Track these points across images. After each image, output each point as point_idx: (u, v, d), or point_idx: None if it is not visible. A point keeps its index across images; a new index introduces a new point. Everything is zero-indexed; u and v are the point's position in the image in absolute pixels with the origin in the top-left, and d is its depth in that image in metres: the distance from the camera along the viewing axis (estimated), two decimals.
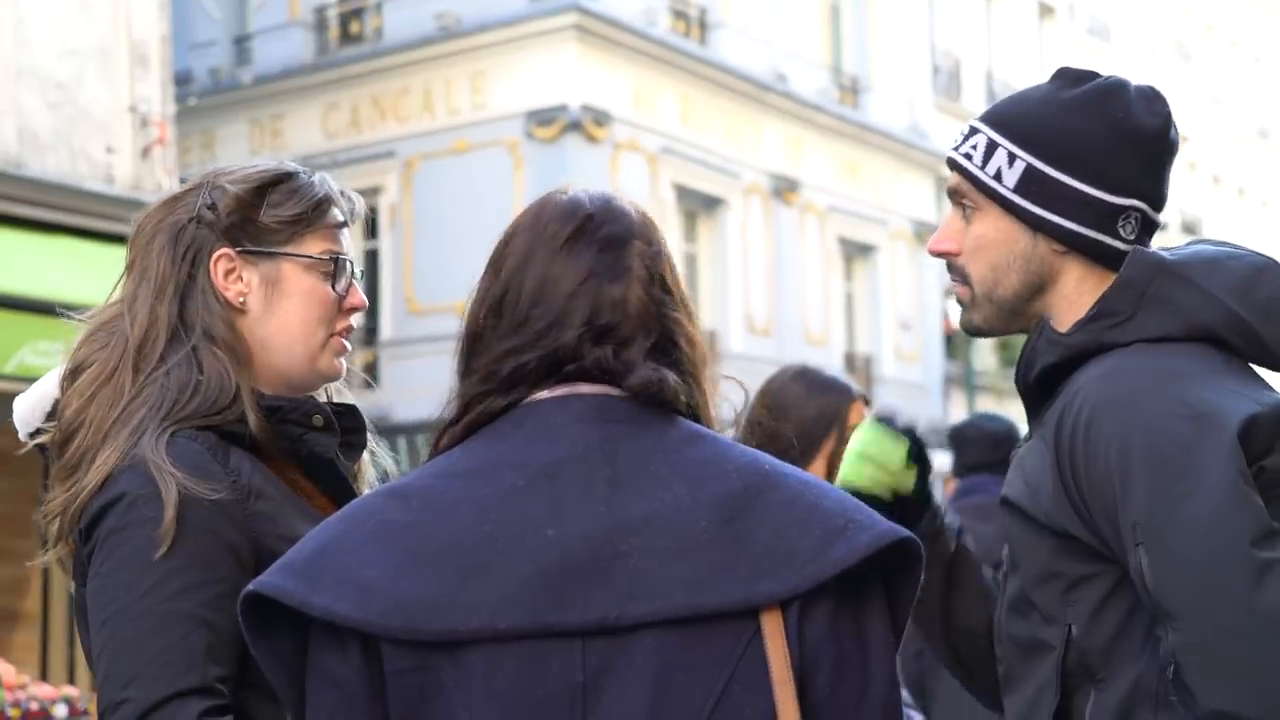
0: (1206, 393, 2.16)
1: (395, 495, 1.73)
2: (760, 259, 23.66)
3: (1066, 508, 2.24)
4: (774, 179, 24.07)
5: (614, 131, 20.88)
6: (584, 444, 1.71)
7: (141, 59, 12.96)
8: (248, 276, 2.29)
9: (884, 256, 26.91)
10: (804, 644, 1.66)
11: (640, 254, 1.80)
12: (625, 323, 1.77)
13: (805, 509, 1.69)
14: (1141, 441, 2.13)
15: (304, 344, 2.32)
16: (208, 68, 23.39)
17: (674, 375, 1.77)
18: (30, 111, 12.12)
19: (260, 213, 2.30)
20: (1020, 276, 2.39)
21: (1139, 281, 2.29)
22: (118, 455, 2.13)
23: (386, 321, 21.20)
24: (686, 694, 1.63)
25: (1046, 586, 2.29)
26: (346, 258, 2.37)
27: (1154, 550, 2.09)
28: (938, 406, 27.69)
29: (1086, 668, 2.25)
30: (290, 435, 2.25)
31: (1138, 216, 2.37)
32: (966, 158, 2.42)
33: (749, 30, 23.89)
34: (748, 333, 22.95)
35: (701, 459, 1.72)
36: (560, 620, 1.62)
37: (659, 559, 1.64)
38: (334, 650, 1.67)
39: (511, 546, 1.65)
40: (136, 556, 2.05)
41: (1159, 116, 2.38)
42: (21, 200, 11.79)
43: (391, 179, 21.43)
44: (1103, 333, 2.30)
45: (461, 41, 21.18)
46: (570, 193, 1.87)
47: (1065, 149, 2.36)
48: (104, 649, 2.05)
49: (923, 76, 28.23)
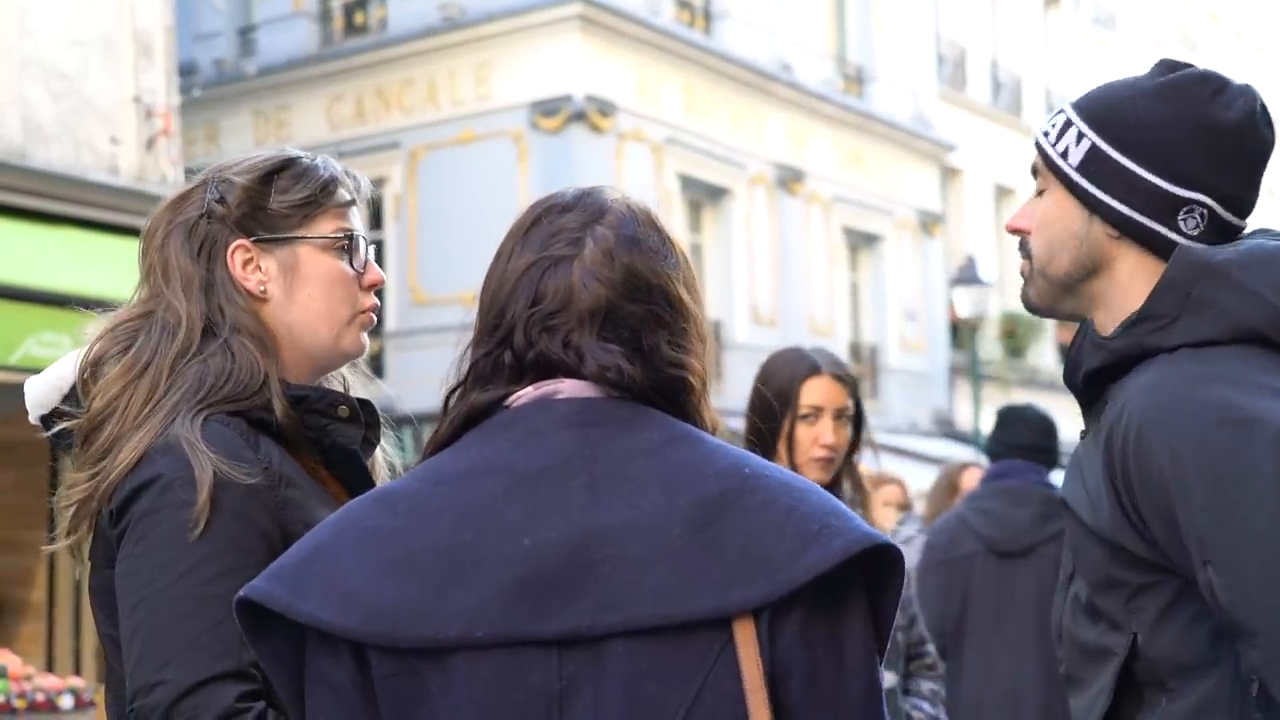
0: (1247, 396, 2.12)
1: (383, 500, 1.74)
2: (765, 249, 23.64)
3: (1124, 523, 2.21)
4: (779, 169, 24.04)
5: (619, 122, 20.85)
6: (564, 450, 1.70)
7: (146, 50, 12.94)
8: (266, 265, 2.30)
9: (889, 246, 26.87)
10: (776, 650, 1.65)
11: (600, 239, 1.78)
12: (571, 308, 1.75)
13: (781, 513, 1.66)
14: (1191, 455, 2.10)
15: (328, 325, 2.33)
16: (212, 59, 23.37)
17: (636, 364, 1.75)
18: (34, 102, 12.11)
19: (270, 200, 2.31)
20: (1071, 256, 2.37)
21: (1183, 283, 2.24)
22: (151, 437, 2.13)
23: (391, 312, 21.19)
24: (659, 702, 1.63)
25: (1111, 594, 2.27)
26: (360, 235, 2.37)
27: (1222, 569, 2.06)
28: (943, 396, 27.67)
29: (1156, 676, 2.23)
30: (314, 425, 2.26)
31: (1203, 213, 2.32)
32: (1045, 135, 2.41)
33: (753, 20, 23.85)
34: (753, 323, 22.93)
35: (681, 463, 1.70)
36: (535, 630, 1.63)
37: (632, 568, 1.64)
38: (328, 654, 1.68)
39: (490, 555, 1.65)
40: (172, 539, 2.06)
41: (1241, 111, 2.32)
42: (26, 191, 11.77)
43: (396, 170, 21.41)
44: (1146, 337, 2.27)
45: (466, 32, 21.15)
46: (566, 190, 1.87)
47: (1132, 133, 2.32)
48: (137, 631, 2.05)
49: (927, 66, 28.17)
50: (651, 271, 1.79)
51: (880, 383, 26.50)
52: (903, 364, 26.81)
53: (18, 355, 9.88)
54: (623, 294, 1.76)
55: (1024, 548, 5.79)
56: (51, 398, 2.31)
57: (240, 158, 2.38)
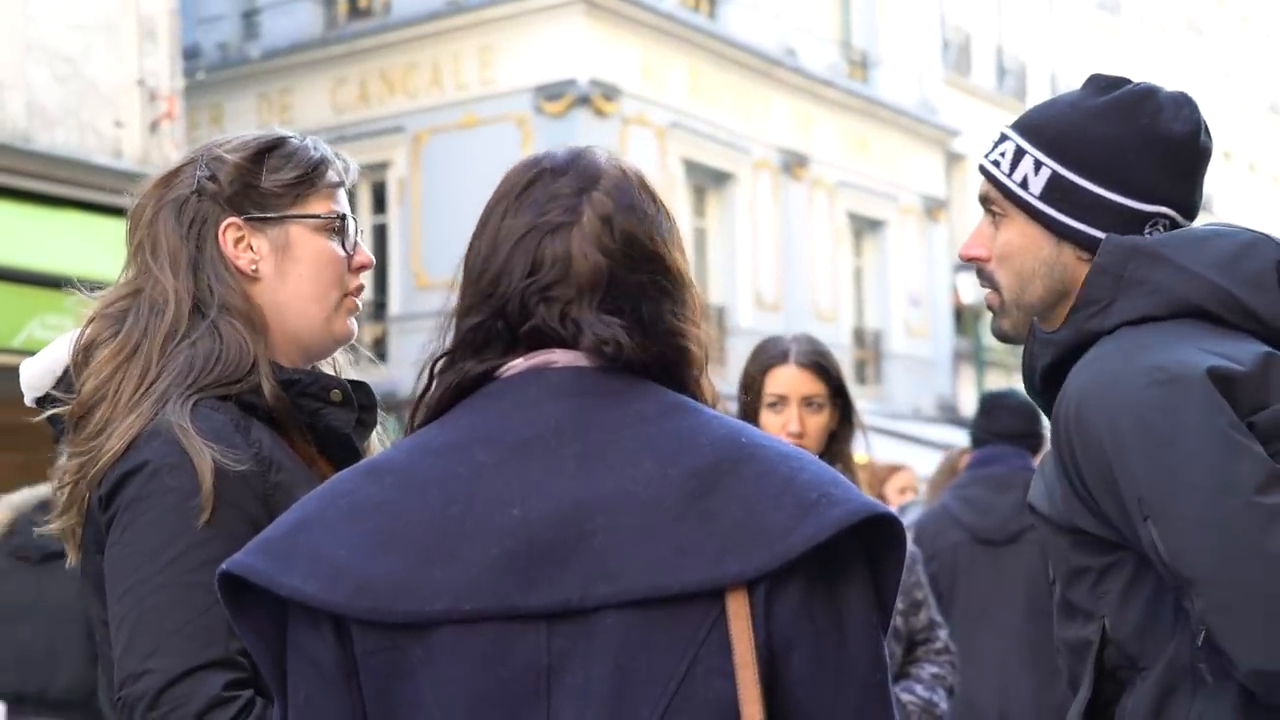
0: (1175, 355, 2.15)
1: (370, 472, 1.71)
2: (769, 234, 23.62)
3: (1074, 502, 2.25)
4: (783, 154, 24.02)
5: (623, 106, 20.84)
6: (555, 420, 1.67)
7: (150, 33, 12.94)
8: (257, 244, 2.29)
9: (893, 232, 26.86)
10: (774, 624, 1.61)
11: (597, 205, 1.74)
12: (570, 279, 1.71)
13: (779, 483, 1.63)
14: (1127, 418, 2.13)
15: (319, 306, 2.32)
16: (216, 42, 23.35)
17: (636, 336, 1.71)
18: (38, 85, 12.10)
19: (262, 178, 2.30)
20: (1045, 283, 2.40)
21: (1115, 266, 2.29)
22: (142, 422, 2.12)
23: (395, 296, 21.19)
24: (648, 676, 1.59)
25: (1078, 584, 2.30)
26: (352, 216, 2.36)
27: (1161, 521, 2.08)
28: (946, 382, 27.66)
29: (1129, 658, 2.25)
30: (306, 409, 2.24)
31: (1165, 223, 2.36)
32: (995, 164, 2.43)
33: (758, 4, 23.82)
34: (756, 308, 22.92)
35: (675, 433, 1.66)
36: (524, 603, 1.60)
37: (624, 539, 1.60)
38: (309, 629, 1.65)
39: (478, 527, 1.62)
40: (160, 525, 2.05)
41: (1188, 123, 2.37)
42: (29, 174, 11.79)
43: (400, 154, 21.40)
44: (1085, 323, 2.30)
45: (470, 16, 21.13)
46: (550, 148, 1.83)
47: (1090, 156, 2.35)
48: (124, 619, 2.04)
49: (933, 51, 28.13)
50: (649, 238, 1.76)
51: (884, 368, 26.50)
52: (906, 349, 26.81)
53: (21, 337, 9.89)
54: (622, 263, 1.72)
55: (1009, 535, 5.76)
56: (46, 380, 2.30)
57: (229, 136, 2.37)
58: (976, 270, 2.48)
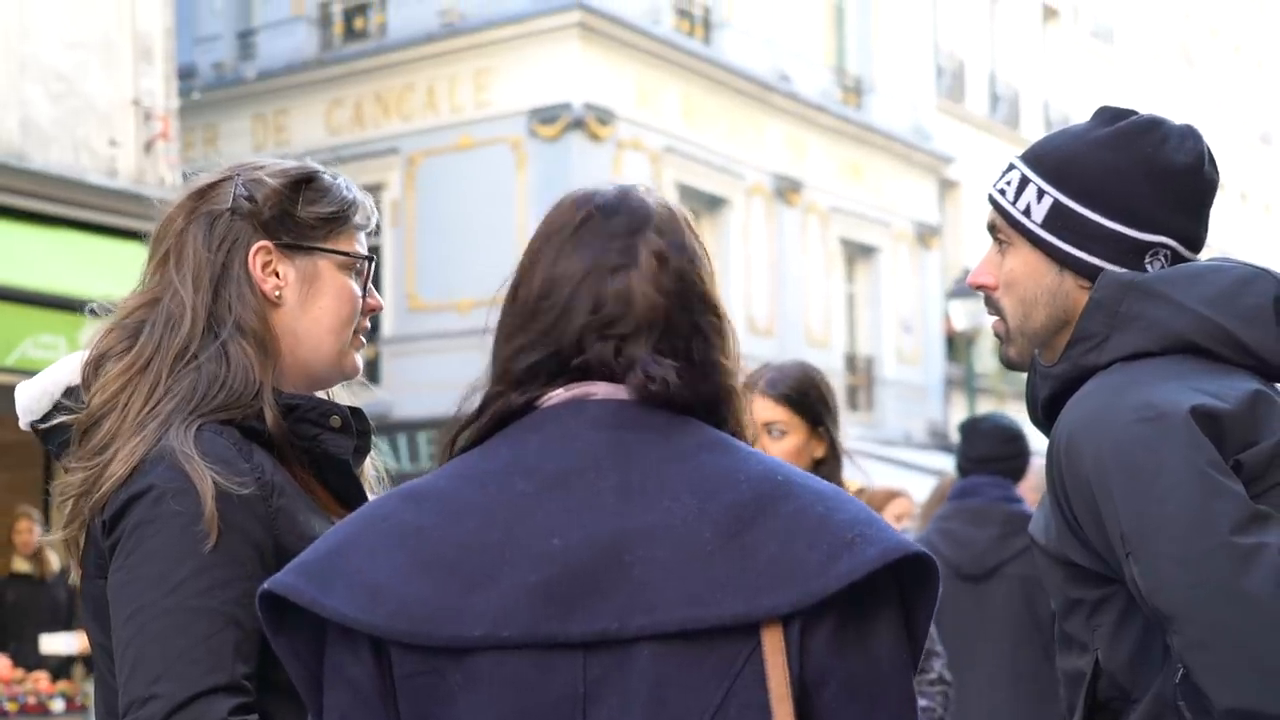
0: (1162, 393, 2.17)
1: (409, 497, 1.73)
2: (762, 259, 23.64)
3: (1067, 535, 2.26)
4: (777, 179, 24.05)
5: (617, 130, 20.86)
6: (595, 452, 1.69)
7: (145, 52, 12.96)
8: (284, 271, 2.30)
9: (886, 258, 26.89)
10: (807, 660, 1.64)
11: (652, 246, 1.77)
12: (629, 317, 1.74)
13: (815, 521, 1.65)
14: (1111, 453, 2.15)
15: (334, 341, 2.33)
16: (211, 62, 23.38)
17: (684, 375, 1.73)
18: (33, 103, 12.12)
19: (299, 208, 2.31)
20: (1048, 311, 2.42)
21: (1110, 301, 2.31)
22: (146, 446, 2.12)
23: (388, 318, 21.18)
24: (683, 708, 1.61)
25: (1074, 616, 2.32)
26: (373, 259, 2.39)
27: (1141, 559, 2.10)
28: (938, 409, 27.67)
29: (1121, 690, 2.26)
30: (306, 435, 2.25)
31: (1166, 254, 2.37)
32: (1001, 193, 2.46)
33: (753, 30, 23.87)
34: (749, 333, 22.93)
35: (714, 468, 1.69)
36: (562, 631, 1.62)
37: (662, 571, 1.62)
38: (347, 650, 1.67)
39: (518, 555, 1.64)
40: (164, 551, 2.05)
41: (1191, 154, 2.38)
42: (24, 193, 11.79)
43: (394, 175, 21.42)
44: (1082, 357, 2.33)
45: (465, 39, 21.16)
46: (591, 185, 1.85)
47: (1092, 185, 2.37)
48: (129, 644, 2.03)
49: (926, 78, 28.20)
50: (699, 278, 1.80)
51: (876, 394, 26.51)
52: (898, 376, 26.82)
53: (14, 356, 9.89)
54: (677, 303, 1.76)
55: (987, 570, 5.74)
56: (42, 403, 2.29)
57: (264, 160, 2.37)
58: (984, 298, 2.50)
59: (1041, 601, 5.45)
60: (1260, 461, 2.13)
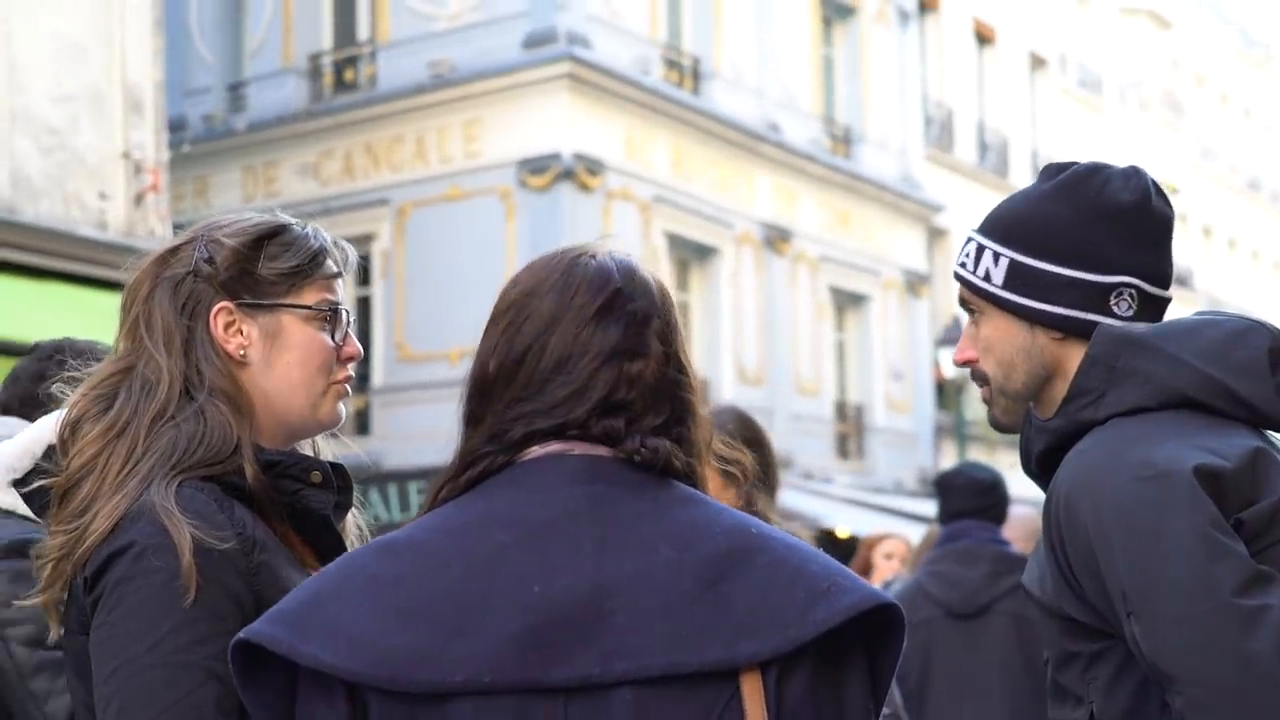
0: (1163, 451, 2.18)
1: (387, 549, 1.74)
2: (752, 308, 23.67)
3: (1064, 588, 2.27)
4: (766, 228, 24.11)
5: (607, 180, 20.92)
6: (574, 504, 1.72)
7: (135, 105, 12.99)
8: (247, 329, 2.29)
9: (876, 306, 26.93)
10: (784, 705, 1.67)
11: (659, 332, 1.83)
12: (639, 399, 1.78)
13: (790, 571, 1.70)
14: (1111, 511, 2.16)
15: (305, 393, 2.32)
16: (201, 114, 23.43)
17: (671, 446, 1.79)
18: (23, 156, 12.14)
19: (259, 265, 2.30)
20: (1026, 368, 2.44)
21: (1107, 357, 2.32)
22: (127, 503, 2.11)
23: (378, 368, 21.18)
24: None
25: (1069, 669, 2.32)
26: (343, 307, 2.38)
27: (1143, 619, 2.10)
28: (929, 456, 27.66)
29: None
30: (286, 490, 2.25)
31: (1132, 293, 2.39)
32: (963, 266, 2.49)
33: (741, 80, 23.97)
34: (739, 381, 22.94)
35: (690, 521, 1.73)
36: (544, 677, 1.63)
37: (642, 618, 1.65)
38: (321, 700, 1.67)
39: (499, 602, 1.66)
40: (145, 607, 2.04)
41: (1135, 191, 2.40)
42: (14, 246, 11.80)
43: (384, 226, 21.45)
44: (1078, 413, 2.34)
45: (455, 90, 21.23)
46: (597, 258, 1.86)
47: (1043, 238, 2.40)
48: (111, 700, 2.03)
49: (915, 127, 28.31)
50: (684, 353, 1.87)
51: (866, 442, 26.51)
52: (888, 423, 26.82)
53: None
54: (674, 381, 1.83)
55: (978, 608, 5.77)
56: (24, 462, 2.30)
57: (233, 218, 2.37)
58: (971, 373, 2.53)
59: (1033, 639, 5.46)
60: (1261, 519, 2.14)
